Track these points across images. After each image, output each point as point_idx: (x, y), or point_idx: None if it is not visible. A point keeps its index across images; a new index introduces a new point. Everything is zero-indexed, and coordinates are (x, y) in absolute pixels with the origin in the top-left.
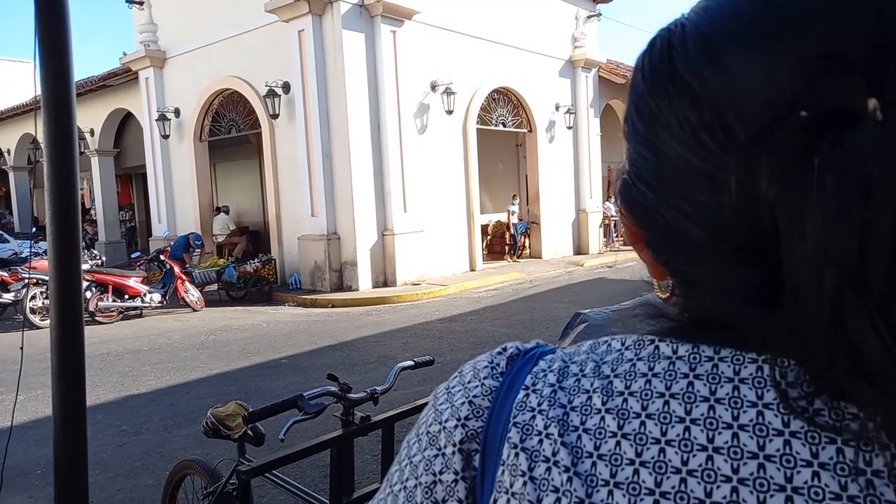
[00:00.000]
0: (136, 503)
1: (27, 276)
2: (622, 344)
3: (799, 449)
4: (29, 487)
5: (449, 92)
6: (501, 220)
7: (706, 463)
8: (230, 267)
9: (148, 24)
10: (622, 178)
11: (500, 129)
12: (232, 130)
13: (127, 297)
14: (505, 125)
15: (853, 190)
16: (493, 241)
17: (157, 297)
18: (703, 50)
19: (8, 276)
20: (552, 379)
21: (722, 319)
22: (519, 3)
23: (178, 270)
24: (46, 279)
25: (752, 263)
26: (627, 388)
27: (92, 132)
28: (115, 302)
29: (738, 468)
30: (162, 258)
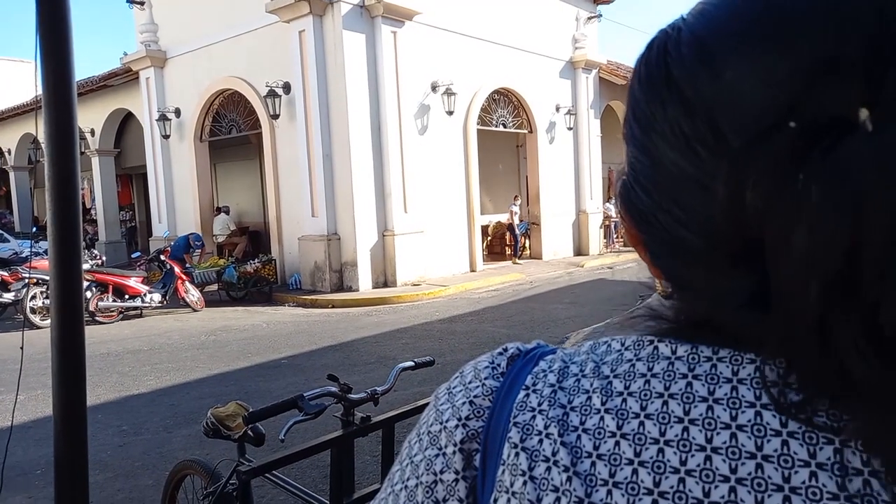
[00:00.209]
0: (135, 503)
1: (27, 275)
2: (622, 344)
3: (797, 449)
4: (29, 487)
5: (449, 92)
6: (502, 220)
7: (704, 463)
8: (230, 267)
9: (148, 24)
10: (622, 179)
11: (500, 129)
12: (232, 130)
13: (127, 297)
14: (505, 126)
15: (839, 203)
16: (493, 241)
17: (157, 297)
18: (697, 56)
19: (8, 275)
20: (552, 379)
21: (718, 322)
22: (519, 4)
23: (178, 270)
24: (47, 279)
25: (746, 269)
26: (627, 388)
27: (92, 132)
28: (115, 302)
29: (736, 468)
30: (162, 258)
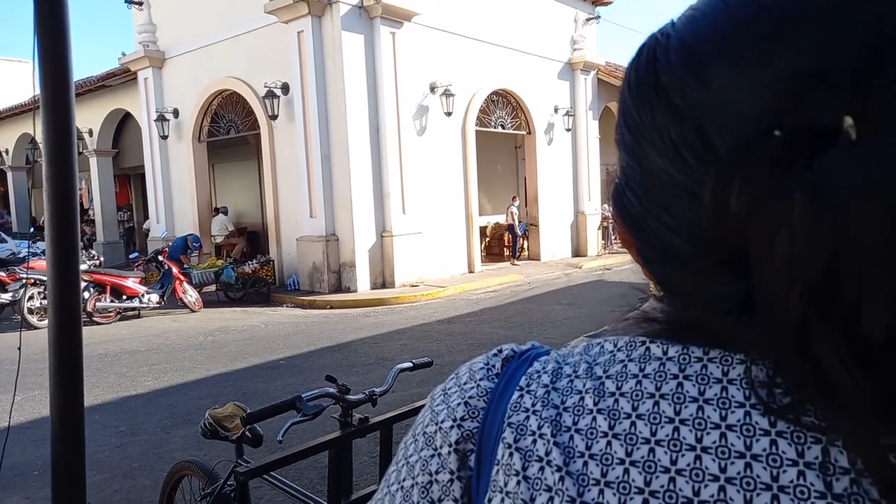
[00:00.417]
0: None
1: (25, 276)
2: (614, 345)
3: (785, 448)
4: (26, 488)
5: (448, 93)
6: (500, 221)
7: (694, 462)
8: (228, 268)
9: (147, 24)
10: (615, 183)
11: (498, 130)
12: (231, 131)
13: (125, 297)
14: (504, 127)
15: (820, 213)
16: (491, 242)
17: (155, 297)
18: (685, 63)
19: (6, 276)
20: (546, 380)
21: (708, 325)
22: (518, 5)
23: (176, 271)
24: (44, 279)
25: (734, 275)
26: (619, 388)
27: (90, 132)
28: (112, 302)
29: (725, 467)
30: (160, 259)
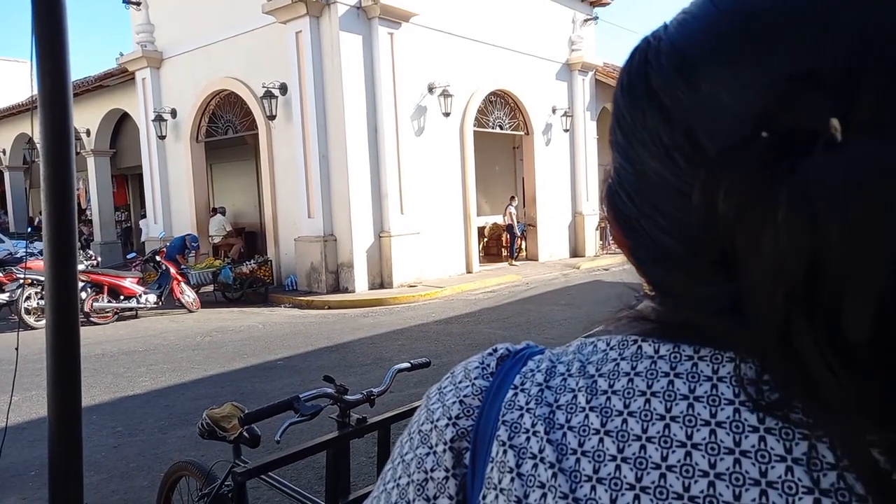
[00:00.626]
0: None
1: (22, 276)
2: (607, 344)
3: (773, 445)
4: (23, 489)
5: (446, 94)
6: (498, 222)
7: (685, 459)
8: (226, 268)
9: (145, 24)
10: (608, 183)
11: (496, 131)
12: (229, 131)
13: (122, 297)
14: (502, 128)
15: (803, 216)
16: (489, 243)
17: (152, 298)
18: (676, 66)
19: (3, 276)
20: (540, 378)
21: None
22: (516, 6)
23: (173, 271)
24: (41, 279)
25: (725, 276)
26: (611, 386)
27: (88, 132)
28: (110, 303)
29: (715, 463)
30: (158, 259)
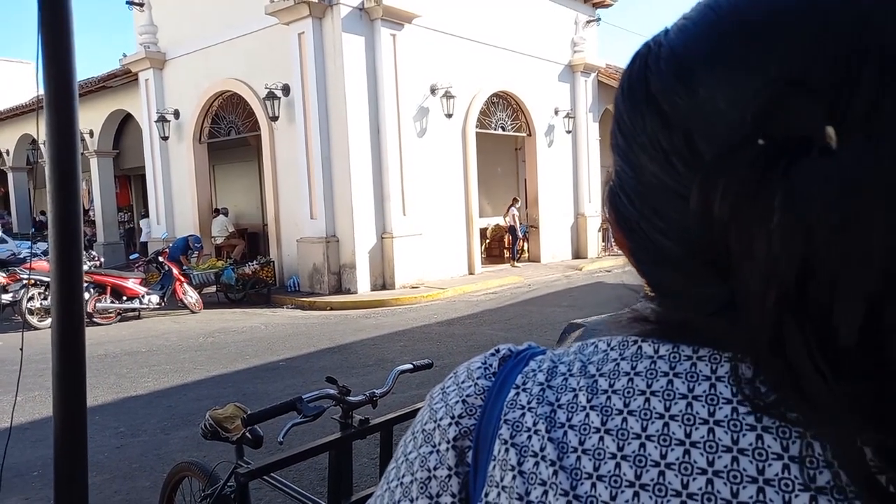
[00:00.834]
0: None
1: (26, 276)
2: (608, 345)
3: (770, 443)
4: (26, 489)
5: (448, 95)
6: (500, 223)
7: (683, 456)
8: (229, 269)
9: (148, 25)
10: (609, 185)
11: (499, 132)
12: (231, 132)
13: (125, 298)
14: (504, 129)
15: (795, 220)
16: (491, 244)
17: (155, 298)
18: (674, 71)
19: (6, 277)
20: (541, 378)
21: (697, 325)
22: (518, 7)
23: (176, 272)
24: (45, 280)
25: (722, 277)
26: (611, 386)
27: (91, 133)
28: (113, 303)
29: (713, 461)
30: (160, 260)
